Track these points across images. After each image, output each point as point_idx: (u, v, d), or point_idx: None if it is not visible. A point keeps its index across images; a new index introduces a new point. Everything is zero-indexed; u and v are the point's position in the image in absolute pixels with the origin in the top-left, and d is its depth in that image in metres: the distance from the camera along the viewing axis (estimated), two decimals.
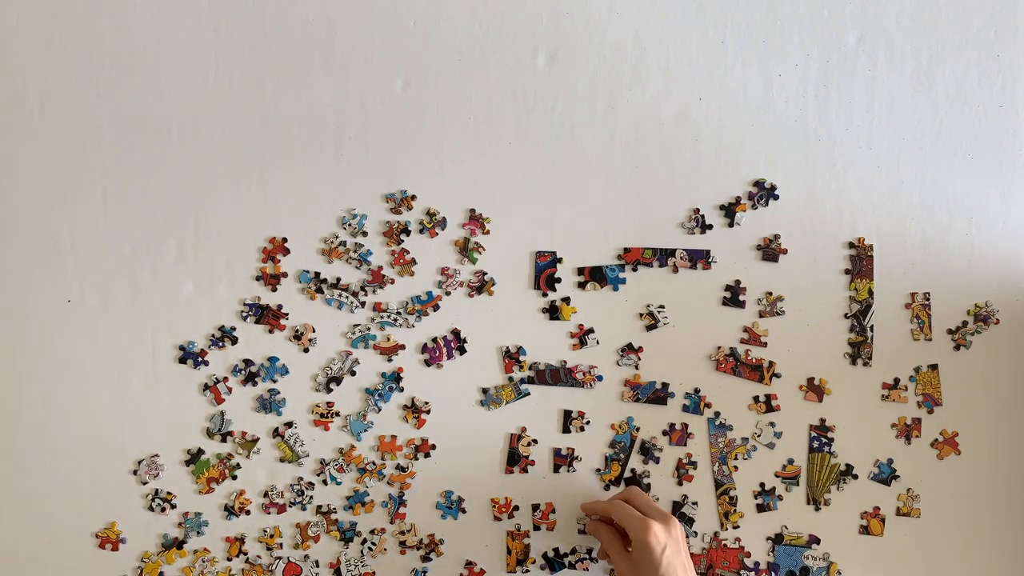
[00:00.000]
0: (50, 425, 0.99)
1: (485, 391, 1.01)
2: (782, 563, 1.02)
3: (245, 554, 1.00)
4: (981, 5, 1.04)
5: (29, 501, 0.99)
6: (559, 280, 1.01)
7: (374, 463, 1.00)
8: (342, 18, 1.00)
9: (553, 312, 1.02)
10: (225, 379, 1.00)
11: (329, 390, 1.00)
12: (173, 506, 0.99)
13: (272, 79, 1.00)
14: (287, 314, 1.00)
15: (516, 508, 1.01)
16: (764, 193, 1.03)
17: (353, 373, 1.00)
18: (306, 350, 1.00)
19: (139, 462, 0.99)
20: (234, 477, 1.00)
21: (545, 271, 1.01)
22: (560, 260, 1.02)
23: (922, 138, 1.04)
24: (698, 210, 1.02)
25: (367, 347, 1.00)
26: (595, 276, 1.02)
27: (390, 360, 1.00)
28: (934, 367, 1.03)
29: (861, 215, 1.03)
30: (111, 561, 0.99)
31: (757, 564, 1.02)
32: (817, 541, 1.02)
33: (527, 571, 1.01)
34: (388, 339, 1.00)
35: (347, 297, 1.00)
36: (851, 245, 1.03)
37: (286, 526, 1.00)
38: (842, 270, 1.03)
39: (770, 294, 1.02)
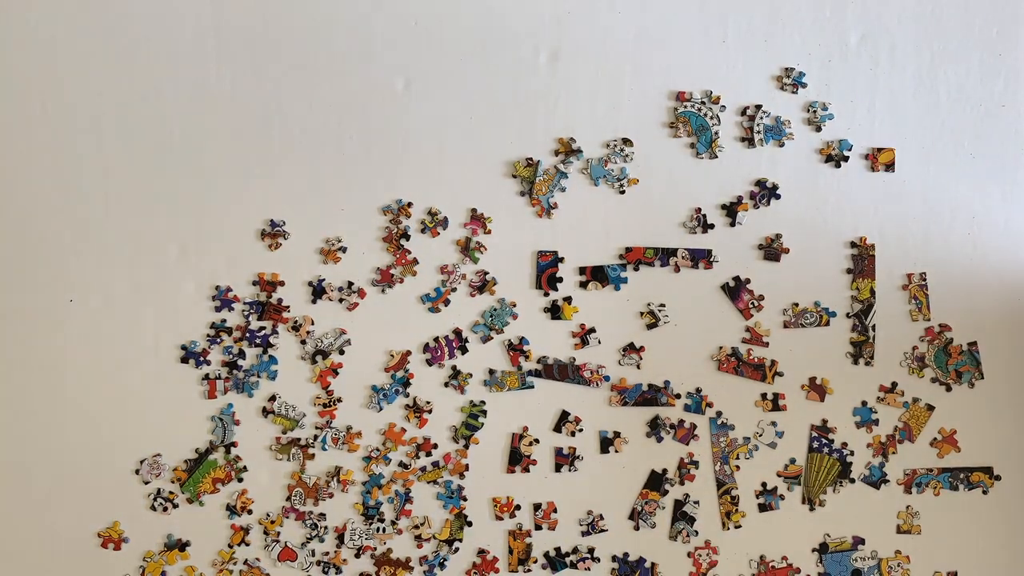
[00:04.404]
0: (52, 424, 0.98)
1: (492, 372, 1.01)
2: (832, 571, 1.01)
3: (247, 544, 1.00)
4: (983, 5, 1.03)
5: (32, 500, 0.99)
6: (560, 280, 1.01)
7: (378, 449, 1.00)
8: (343, 18, 1.00)
9: (555, 312, 1.02)
10: (227, 378, 1.00)
11: (314, 361, 1.00)
12: (175, 505, 1.00)
13: (274, 79, 1.00)
14: (288, 307, 1.00)
15: (518, 507, 1.01)
16: (766, 192, 1.03)
17: (342, 352, 1.00)
18: (303, 342, 1.00)
19: (141, 461, 0.99)
20: (240, 479, 1.00)
21: (547, 271, 1.01)
22: (562, 260, 1.02)
23: (924, 137, 1.04)
24: (699, 209, 1.02)
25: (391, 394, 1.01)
26: (596, 276, 1.02)
27: (402, 374, 1.01)
28: (931, 407, 1.03)
29: (863, 215, 1.03)
30: (114, 560, 0.99)
31: None
32: (862, 542, 1.02)
33: (528, 571, 1.02)
34: (392, 356, 1.01)
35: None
36: (853, 245, 1.03)
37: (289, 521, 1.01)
38: (844, 269, 1.03)
39: (796, 305, 1.02)
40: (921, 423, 1.03)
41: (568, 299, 1.02)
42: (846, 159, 1.03)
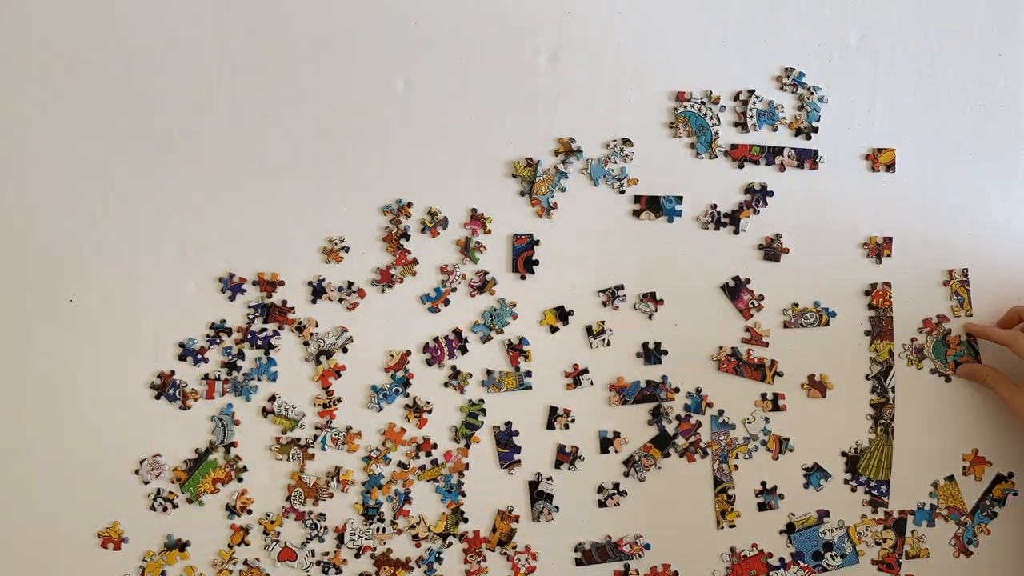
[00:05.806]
0: (52, 425, 0.98)
1: (489, 372, 1.01)
2: (804, 548, 1.02)
3: (247, 544, 1.00)
4: (983, 4, 1.04)
5: (32, 500, 0.99)
6: (536, 263, 1.01)
7: (378, 449, 1.00)
8: (343, 18, 1.00)
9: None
10: (226, 381, 1.00)
11: (318, 362, 1.00)
12: (175, 505, 1.00)
13: (273, 79, 1.00)
14: (293, 308, 1.00)
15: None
16: (759, 195, 1.03)
17: (345, 350, 1.00)
18: (306, 343, 1.00)
19: (141, 461, 0.99)
20: (240, 479, 1.00)
21: (523, 253, 1.01)
22: (537, 243, 1.01)
23: (924, 138, 1.04)
24: (715, 205, 1.02)
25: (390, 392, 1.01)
26: (651, 206, 1.01)
27: (402, 374, 1.01)
28: (950, 478, 1.02)
29: (863, 214, 1.03)
30: (113, 560, 0.99)
31: (782, 560, 1.02)
32: (827, 514, 1.02)
33: (504, 554, 1.01)
34: (392, 356, 1.01)
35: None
36: (871, 307, 1.02)
37: (289, 521, 1.01)
38: (844, 269, 1.03)
39: (796, 305, 1.02)
40: (959, 497, 1.02)
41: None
42: (816, 131, 1.03)
